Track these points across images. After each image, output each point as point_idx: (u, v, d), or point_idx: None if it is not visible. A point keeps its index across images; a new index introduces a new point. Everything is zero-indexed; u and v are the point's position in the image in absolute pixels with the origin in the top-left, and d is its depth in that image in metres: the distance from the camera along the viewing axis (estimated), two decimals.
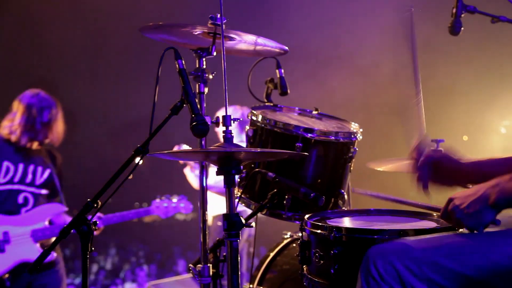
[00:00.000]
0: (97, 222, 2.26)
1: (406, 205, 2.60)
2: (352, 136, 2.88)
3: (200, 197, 2.67)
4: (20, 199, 4.37)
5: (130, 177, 2.27)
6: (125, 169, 2.27)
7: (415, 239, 1.96)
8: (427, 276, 1.81)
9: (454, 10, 3.07)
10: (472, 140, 7.86)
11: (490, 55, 7.43)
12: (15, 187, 4.37)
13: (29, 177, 4.43)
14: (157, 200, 5.09)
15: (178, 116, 2.32)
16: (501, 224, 1.92)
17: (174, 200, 5.14)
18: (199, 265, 2.64)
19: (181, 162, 5.56)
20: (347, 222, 2.47)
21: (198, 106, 2.26)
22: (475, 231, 1.91)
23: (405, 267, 1.82)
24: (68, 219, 4.59)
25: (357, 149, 2.91)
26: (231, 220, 2.17)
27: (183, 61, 2.32)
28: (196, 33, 2.66)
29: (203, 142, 2.64)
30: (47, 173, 4.52)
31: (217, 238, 2.82)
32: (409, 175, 2.30)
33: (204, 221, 2.68)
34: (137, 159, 2.27)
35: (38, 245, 4.37)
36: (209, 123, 2.30)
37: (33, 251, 4.32)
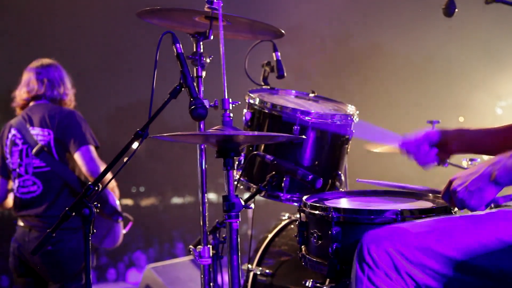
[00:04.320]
0: (98, 205, 2.26)
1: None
2: (349, 118, 2.90)
3: (199, 180, 2.70)
4: None
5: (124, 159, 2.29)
6: (125, 153, 2.29)
7: (407, 224, 1.97)
8: (420, 261, 1.82)
9: None
10: (468, 121, 7.91)
11: (487, 36, 7.45)
12: None
13: None
14: None
15: (175, 101, 2.34)
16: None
17: None
18: (199, 247, 2.68)
19: None
20: (344, 203, 2.51)
21: (196, 90, 2.28)
22: (477, 211, 1.92)
23: (398, 252, 1.83)
24: None
25: (354, 131, 2.94)
26: (230, 202, 2.20)
27: (181, 45, 2.33)
28: (193, 17, 2.67)
29: (201, 126, 2.67)
30: None
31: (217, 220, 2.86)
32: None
33: (204, 203, 2.71)
34: (136, 143, 2.29)
35: None
36: (207, 106, 2.32)
37: None
